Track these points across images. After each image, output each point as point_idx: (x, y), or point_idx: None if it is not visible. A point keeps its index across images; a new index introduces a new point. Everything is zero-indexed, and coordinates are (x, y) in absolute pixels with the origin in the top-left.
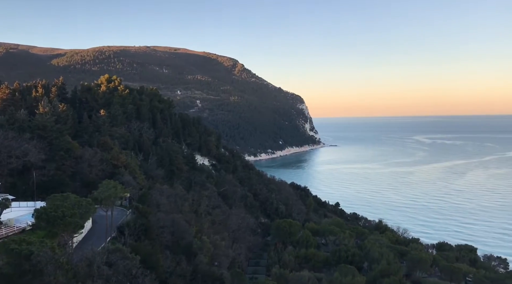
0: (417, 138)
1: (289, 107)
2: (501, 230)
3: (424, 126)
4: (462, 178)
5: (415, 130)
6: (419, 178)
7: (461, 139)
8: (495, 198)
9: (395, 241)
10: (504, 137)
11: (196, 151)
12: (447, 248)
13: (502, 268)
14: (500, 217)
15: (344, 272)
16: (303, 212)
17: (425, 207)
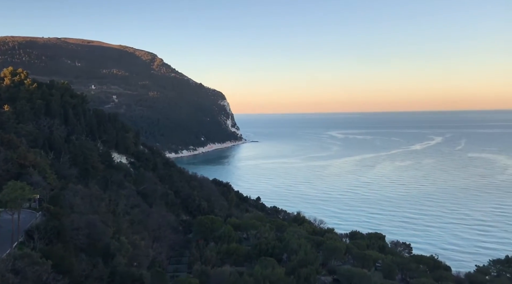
0: (331, 133)
1: (211, 103)
2: (404, 219)
3: (338, 122)
4: (371, 171)
5: (329, 126)
6: (333, 171)
7: (371, 135)
8: (400, 189)
9: (312, 232)
10: (408, 132)
11: (112, 148)
12: (359, 237)
13: (406, 252)
14: (403, 206)
15: (264, 264)
16: (225, 208)
17: (339, 199)
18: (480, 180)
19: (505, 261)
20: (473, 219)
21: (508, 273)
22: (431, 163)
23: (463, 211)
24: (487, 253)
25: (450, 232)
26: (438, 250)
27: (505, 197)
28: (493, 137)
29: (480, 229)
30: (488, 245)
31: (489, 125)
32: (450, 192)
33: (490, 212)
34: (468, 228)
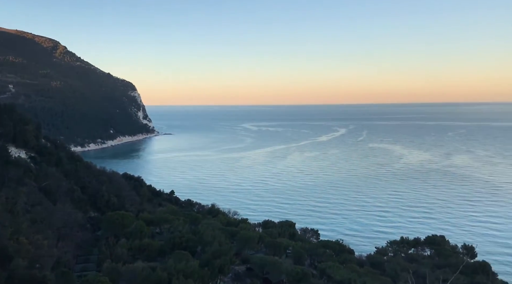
0: (245, 126)
1: (120, 94)
2: (311, 207)
3: (253, 115)
4: (281, 162)
5: (244, 119)
6: (246, 163)
7: (283, 127)
8: (307, 178)
9: (226, 223)
10: (316, 124)
11: (10, 142)
12: (271, 225)
13: (315, 238)
14: (311, 195)
15: (178, 258)
16: (137, 203)
17: (251, 190)
18: (379, 169)
19: (400, 242)
20: (372, 205)
21: (403, 253)
22: (336, 153)
23: (364, 198)
24: (385, 236)
25: (352, 218)
26: (342, 235)
27: (400, 183)
28: (390, 128)
29: (378, 215)
30: (385, 229)
31: (387, 118)
32: (352, 180)
33: (386, 198)
34: (368, 214)
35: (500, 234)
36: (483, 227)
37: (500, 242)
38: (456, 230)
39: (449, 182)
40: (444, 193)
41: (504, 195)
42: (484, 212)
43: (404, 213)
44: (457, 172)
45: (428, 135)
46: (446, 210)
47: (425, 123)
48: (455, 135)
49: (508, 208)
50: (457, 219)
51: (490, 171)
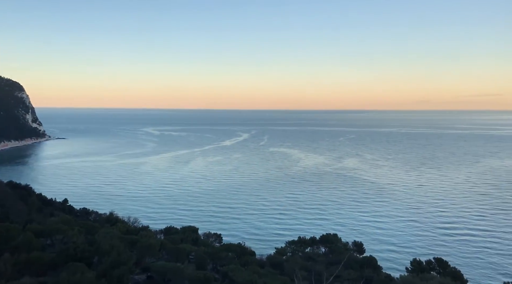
0: (147, 130)
1: (5, 95)
2: (215, 211)
3: (155, 119)
4: (184, 167)
5: (146, 123)
6: (147, 169)
7: (186, 131)
8: (210, 183)
9: (126, 231)
10: (220, 129)
11: None
12: (173, 232)
13: (217, 242)
14: (214, 200)
15: (72, 270)
16: (25, 213)
17: (154, 195)
18: (278, 172)
19: (297, 242)
20: (271, 209)
21: (300, 252)
22: (239, 158)
23: (264, 201)
24: (284, 237)
25: (253, 221)
26: (244, 238)
27: (297, 186)
28: (289, 134)
29: (277, 217)
30: (284, 230)
31: (287, 124)
32: (253, 184)
33: (285, 201)
34: (267, 216)
35: (383, 232)
36: (370, 225)
37: (383, 239)
38: (347, 228)
39: (341, 184)
40: (336, 194)
41: (387, 195)
42: (371, 211)
43: (301, 214)
44: (347, 174)
45: (322, 140)
46: (338, 210)
47: (320, 129)
48: (346, 140)
49: (391, 207)
50: (348, 218)
51: (375, 173)
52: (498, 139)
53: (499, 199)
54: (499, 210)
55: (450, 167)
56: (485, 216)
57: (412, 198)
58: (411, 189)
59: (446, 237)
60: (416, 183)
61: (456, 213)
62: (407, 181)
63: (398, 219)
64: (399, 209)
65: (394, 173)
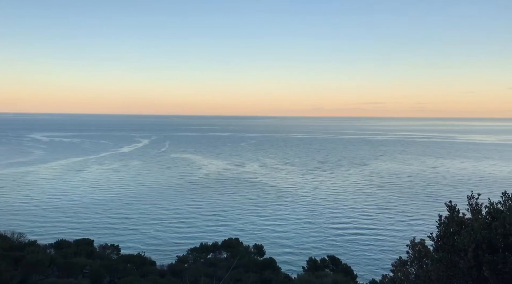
0: (34, 136)
1: None
2: (112, 221)
3: (43, 124)
4: (78, 175)
5: (33, 128)
6: (34, 178)
7: (80, 137)
8: (107, 192)
9: (9, 248)
10: (117, 135)
11: None
12: (66, 245)
13: (115, 254)
14: (112, 209)
15: None
16: None
17: (42, 208)
18: (181, 179)
19: (199, 248)
20: (172, 217)
21: (202, 258)
22: (138, 165)
23: (163, 210)
24: (186, 245)
25: (153, 230)
26: (144, 248)
27: (198, 193)
28: (191, 139)
29: (179, 224)
30: (186, 238)
31: (188, 129)
32: (153, 192)
33: (185, 208)
34: (168, 225)
35: (282, 235)
36: (269, 229)
37: (282, 241)
38: (248, 233)
39: (242, 189)
40: (238, 199)
41: (286, 198)
42: (270, 215)
43: (202, 221)
44: (248, 179)
45: (225, 146)
46: (240, 215)
47: (222, 135)
48: (247, 145)
49: (289, 210)
50: (248, 222)
51: (274, 177)
52: (382, 143)
53: (383, 198)
54: (383, 209)
55: (341, 170)
56: (371, 215)
57: (308, 200)
58: (307, 192)
59: (338, 236)
60: (311, 185)
61: (346, 214)
62: (303, 184)
63: (295, 221)
64: (296, 211)
65: (291, 176)
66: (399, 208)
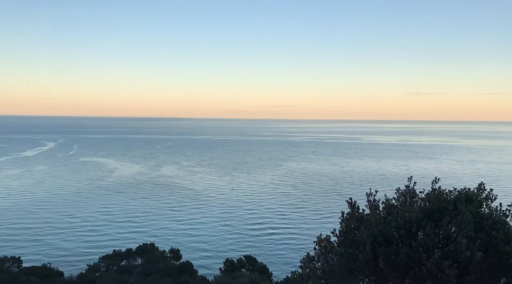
0: None
1: None
2: (11, 231)
3: None
4: None
5: None
6: None
7: None
8: (7, 200)
9: None
10: (18, 138)
11: None
12: None
13: (16, 267)
14: (11, 219)
15: None
16: None
17: None
18: (91, 184)
19: (112, 256)
20: (80, 225)
21: (115, 266)
22: (43, 170)
23: (74, 216)
24: (97, 253)
25: (62, 239)
26: (50, 258)
27: (110, 198)
28: (103, 142)
29: (87, 233)
30: (96, 248)
31: (100, 131)
32: (60, 199)
33: (97, 214)
34: (79, 232)
35: (199, 238)
36: (186, 233)
37: (199, 244)
38: (164, 239)
39: (158, 193)
40: (153, 204)
41: (203, 201)
42: (187, 218)
43: (115, 228)
44: (164, 183)
45: (139, 148)
46: (155, 220)
47: (136, 137)
48: (163, 148)
49: (206, 213)
50: (164, 227)
51: (192, 180)
52: (295, 145)
53: (297, 198)
54: (296, 208)
55: (258, 171)
56: (286, 214)
57: (225, 202)
58: (225, 194)
59: (255, 237)
60: (228, 187)
61: (262, 214)
62: (220, 186)
63: (212, 223)
64: (213, 213)
65: (209, 178)
66: (312, 206)
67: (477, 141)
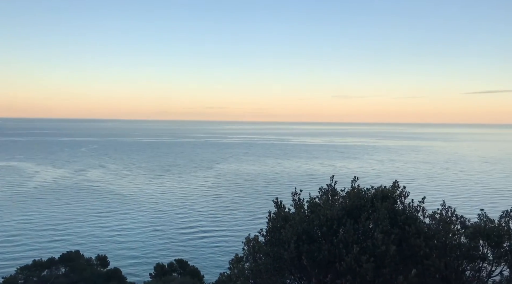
0: None
1: None
2: None
3: None
4: None
5: None
6: None
7: None
8: None
9: None
10: None
11: None
12: None
13: None
14: None
15: None
16: None
17: None
18: (7, 190)
19: (32, 266)
20: None
21: (36, 276)
22: None
23: None
24: (15, 264)
25: None
26: None
27: (30, 205)
28: (21, 145)
29: (6, 240)
30: (16, 254)
31: (18, 134)
32: None
33: (15, 221)
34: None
35: (128, 245)
36: (114, 239)
37: (128, 250)
38: (89, 247)
39: (83, 198)
40: (78, 209)
41: (131, 207)
42: (114, 224)
43: (37, 236)
44: (90, 187)
45: (62, 152)
46: (81, 225)
47: (59, 139)
48: (88, 150)
49: (134, 219)
50: (90, 234)
51: (120, 184)
52: (228, 146)
53: (229, 200)
54: (229, 210)
55: (190, 173)
56: (218, 217)
57: (155, 206)
58: (155, 198)
59: (187, 240)
60: (159, 190)
61: (194, 217)
62: (150, 190)
63: (142, 229)
64: (143, 218)
65: (138, 182)
66: (244, 207)
67: (396, 142)
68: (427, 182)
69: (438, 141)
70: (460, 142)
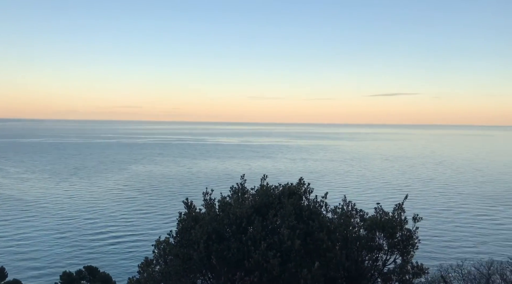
0: None
1: None
2: None
3: None
4: None
5: None
6: None
7: None
8: None
9: None
10: None
11: None
12: None
13: None
14: None
15: None
16: None
17: None
18: None
19: None
20: None
21: None
22: None
23: None
24: None
25: None
26: None
27: None
28: None
29: None
30: None
31: None
32: None
33: None
34: None
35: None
36: (14, 250)
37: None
38: None
39: None
40: None
41: (34, 213)
42: (13, 233)
43: None
44: None
45: None
46: None
47: None
48: None
49: (37, 226)
50: None
51: (21, 189)
52: (141, 147)
53: (143, 203)
54: (143, 213)
55: (100, 176)
56: (132, 220)
57: (61, 212)
58: (61, 203)
59: (97, 247)
60: (66, 195)
61: (105, 222)
62: (56, 194)
63: (46, 237)
64: (47, 225)
65: (42, 186)
66: (159, 210)
67: (307, 141)
68: (334, 179)
69: (344, 140)
70: (364, 141)
